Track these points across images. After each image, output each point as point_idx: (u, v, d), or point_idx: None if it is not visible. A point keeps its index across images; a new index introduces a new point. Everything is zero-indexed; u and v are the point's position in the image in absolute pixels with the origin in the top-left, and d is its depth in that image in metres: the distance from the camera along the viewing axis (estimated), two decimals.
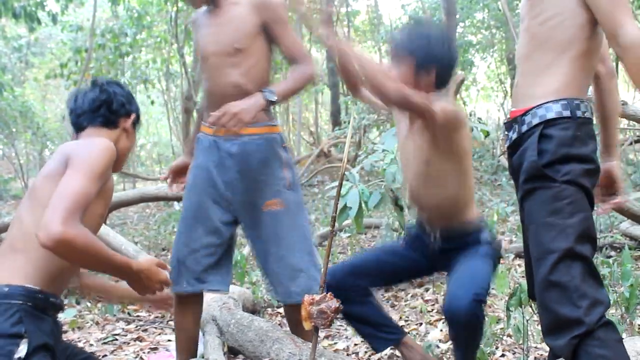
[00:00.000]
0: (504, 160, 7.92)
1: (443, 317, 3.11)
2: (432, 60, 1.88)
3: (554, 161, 1.54)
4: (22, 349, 1.35)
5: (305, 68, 2.18)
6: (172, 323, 3.29)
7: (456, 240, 2.02)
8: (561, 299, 1.47)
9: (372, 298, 2.15)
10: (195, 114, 9.79)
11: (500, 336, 2.68)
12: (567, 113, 1.56)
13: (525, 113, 1.64)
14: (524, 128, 1.63)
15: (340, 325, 3.12)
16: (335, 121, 12.57)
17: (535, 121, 1.60)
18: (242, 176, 2.19)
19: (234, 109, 2.02)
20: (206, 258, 2.24)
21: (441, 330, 2.89)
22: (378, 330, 2.12)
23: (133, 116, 1.79)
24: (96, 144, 1.54)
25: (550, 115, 1.57)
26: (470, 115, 4.36)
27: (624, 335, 2.44)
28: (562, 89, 1.59)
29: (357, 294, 2.08)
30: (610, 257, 3.87)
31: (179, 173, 2.46)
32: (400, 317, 3.18)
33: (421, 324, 3.04)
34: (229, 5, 2.17)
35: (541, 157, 1.56)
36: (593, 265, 1.52)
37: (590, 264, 1.50)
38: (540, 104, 1.60)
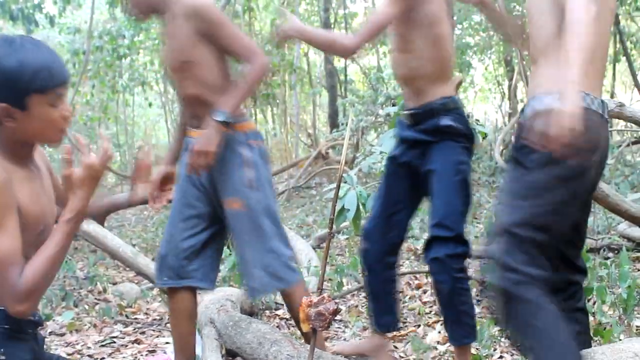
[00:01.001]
0: (502, 162, 7.92)
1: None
2: None
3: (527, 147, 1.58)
4: None
5: (250, 67, 2.12)
6: (170, 325, 3.29)
7: (426, 124, 2.13)
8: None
9: (394, 284, 2.32)
10: None
11: (498, 338, 2.68)
12: (557, 105, 1.53)
13: (525, 106, 1.69)
14: (521, 120, 1.69)
15: (338, 328, 3.12)
16: (333, 123, 12.57)
17: (529, 113, 1.64)
18: (209, 174, 2.24)
19: (196, 149, 2.10)
20: (187, 243, 2.26)
21: (439, 332, 2.89)
22: (381, 313, 2.30)
23: (3, 106, 1.28)
24: None
25: (540, 107, 1.59)
26: (468, 117, 4.36)
27: (622, 337, 2.44)
28: (556, 83, 1.54)
29: (385, 267, 2.27)
30: (608, 258, 3.87)
31: (163, 183, 2.33)
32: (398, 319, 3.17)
33: (419, 325, 3.04)
34: (171, 19, 2.17)
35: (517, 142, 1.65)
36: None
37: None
38: (534, 96, 1.65)
